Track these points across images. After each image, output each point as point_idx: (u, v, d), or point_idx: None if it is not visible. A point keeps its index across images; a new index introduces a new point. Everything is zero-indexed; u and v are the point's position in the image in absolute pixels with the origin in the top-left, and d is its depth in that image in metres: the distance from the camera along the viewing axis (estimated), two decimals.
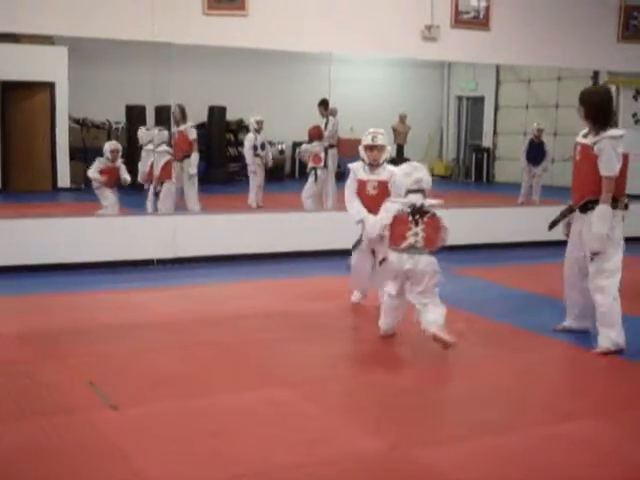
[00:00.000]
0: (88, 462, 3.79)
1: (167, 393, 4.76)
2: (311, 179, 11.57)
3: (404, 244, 5.66)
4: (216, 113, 14.69)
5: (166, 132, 10.32)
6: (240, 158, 12.72)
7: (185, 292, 7.64)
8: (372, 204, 6.48)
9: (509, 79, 16.46)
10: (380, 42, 9.60)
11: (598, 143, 5.72)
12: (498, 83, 16.90)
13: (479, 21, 9.96)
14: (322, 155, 11.60)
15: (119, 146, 10.33)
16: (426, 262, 5.64)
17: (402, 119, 17.11)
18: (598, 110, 5.79)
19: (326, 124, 11.94)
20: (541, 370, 5.47)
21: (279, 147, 12.44)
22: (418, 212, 5.68)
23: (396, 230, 5.72)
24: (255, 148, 12.02)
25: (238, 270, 8.69)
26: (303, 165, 12.47)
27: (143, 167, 10.30)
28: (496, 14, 10.02)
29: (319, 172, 11.53)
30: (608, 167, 5.69)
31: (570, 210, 6.06)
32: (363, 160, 6.64)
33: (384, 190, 6.47)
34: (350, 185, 6.67)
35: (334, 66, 10.54)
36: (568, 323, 6.26)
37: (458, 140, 17.32)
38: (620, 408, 4.70)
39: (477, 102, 17.57)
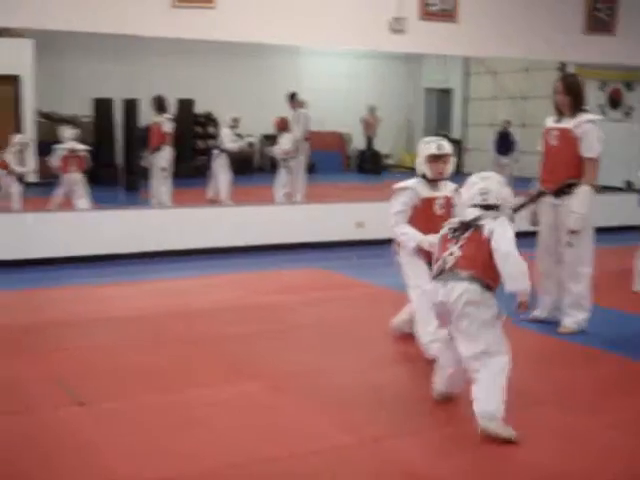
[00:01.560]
0: (59, 460, 3.77)
1: (139, 388, 4.74)
2: (283, 170, 11.65)
3: (435, 268, 4.27)
4: (184, 106, 14.60)
5: (74, 130, 10.35)
6: (208, 151, 12.66)
7: (155, 286, 7.59)
8: (440, 227, 4.63)
9: (478, 71, 16.54)
10: (348, 34, 9.58)
11: (579, 126, 5.83)
12: (467, 75, 16.98)
13: (447, 13, 9.98)
14: (290, 148, 11.65)
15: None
16: (462, 290, 4.07)
17: (372, 111, 17.16)
18: (577, 94, 5.94)
19: (296, 117, 11.96)
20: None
21: (248, 140, 12.38)
22: (462, 227, 4.21)
23: (437, 256, 4.34)
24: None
25: (207, 264, 8.66)
26: (273, 159, 12.47)
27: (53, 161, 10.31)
28: (464, 6, 10.04)
29: (291, 163, 11.61)
30: (591, 149, 5.83)
31: (539, 195, 6.11)
32: (423, 175, 5.33)
33: (450, 209, 5.27)
34: (402, 207, 5.32)
35: (304, 59, 10.56)
36: (538, 313, 6.27)
37: (427, 132, 17.39)
38: (595, 399, 4.75)
39: (447, 94, 17.64)
